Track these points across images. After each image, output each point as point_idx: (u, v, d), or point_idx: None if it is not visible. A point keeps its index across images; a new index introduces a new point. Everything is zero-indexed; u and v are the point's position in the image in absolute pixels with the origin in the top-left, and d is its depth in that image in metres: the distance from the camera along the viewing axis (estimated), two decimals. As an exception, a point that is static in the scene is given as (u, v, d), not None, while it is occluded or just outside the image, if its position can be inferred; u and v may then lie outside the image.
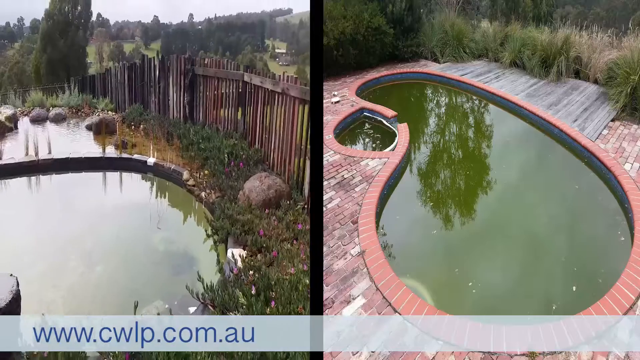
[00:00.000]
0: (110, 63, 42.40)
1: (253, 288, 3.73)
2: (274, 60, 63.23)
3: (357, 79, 9.66)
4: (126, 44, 58.93)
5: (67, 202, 6.34)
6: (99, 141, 8.11)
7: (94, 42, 37.47)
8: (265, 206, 5.36)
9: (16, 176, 6.87)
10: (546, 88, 8.94)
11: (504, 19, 12.30)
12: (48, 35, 24.68)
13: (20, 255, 4.73)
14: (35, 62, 25.60)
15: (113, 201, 6.56)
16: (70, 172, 7.17)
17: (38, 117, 9.62)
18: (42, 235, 5.23)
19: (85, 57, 28.22)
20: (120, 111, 10.46)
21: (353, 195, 5.05)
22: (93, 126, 8.86)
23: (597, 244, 4.66)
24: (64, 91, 11.45)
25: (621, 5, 33.07)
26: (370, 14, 10.01)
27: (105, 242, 5.24)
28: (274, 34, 72.32)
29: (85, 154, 7.50)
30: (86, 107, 10.54)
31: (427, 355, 3.05)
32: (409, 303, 3.47)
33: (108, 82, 11.55)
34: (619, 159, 5.84)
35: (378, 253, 4.05)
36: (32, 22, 45.83)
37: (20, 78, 30.32)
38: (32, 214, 5.87)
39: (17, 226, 5.40)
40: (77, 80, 12.88)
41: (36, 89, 12.93)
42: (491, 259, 4.47)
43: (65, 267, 4.69)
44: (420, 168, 6.43)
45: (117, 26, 62.78)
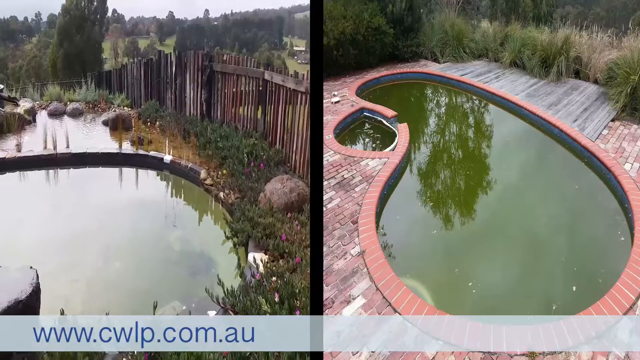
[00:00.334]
0: (125, 59, 42.32)
1: (276, 295, 3.62)
2: (292, 58, 62.01)
3: (357, 79, 9.66)
4: (141, 40, 57.93)
5: (83, 196, 6.35)
6: (115, 137, 8.11)
7: (109, 38, 37.41)
8: (287, 210, 5.20)
9: (35, 169, 6.92)
10: (546, 88, 8.94)
11: (504, 19, 12.30)
12: (65, 30, 24.76)
13: (38, 248, 4.73)
14: (52, 57, 25.69)
15: (129, 197, 6.53)
16: (87, 167, 7.24)
17: (56, 111, 9.62)
18: (60, 229, 5.23)
19: (101, 52, 28.23)
20: (136, 107, 10.37)
21: (353, 195, 5.05)
22: (109, 121, 8.82)
23: (597, 244, 4.66)
24: (80, 86, 11.39)
25: (621, 5, 33.07)
26: (370, 14, 10.01)
27: (122, 238, 5.21)
28: (293, 30, 70.75)
29: (102, 149, 7.53)
30: (103, 102, 10.50)
31: (427, 355, 3.05)
32: (409, 303, 3.47)
33: (124, 77, 11.40)
34: (619, 159, 5.84)
35: (378, 253, 4.05)
36: (49, 17, 46.06)
37: (37, 72, 30.50)
38: (50, 207, 5.89)
39: (35, 218, 5.43)
40: (94, 76, 12.81)
41: (54, 83, 12.84)
42: (491, 259, 4.47)
43: (82, 262, 4.66)
44: (420, 168, 6.43)
45: (132, 22, 62.01)
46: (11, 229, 5.14)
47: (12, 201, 5.94)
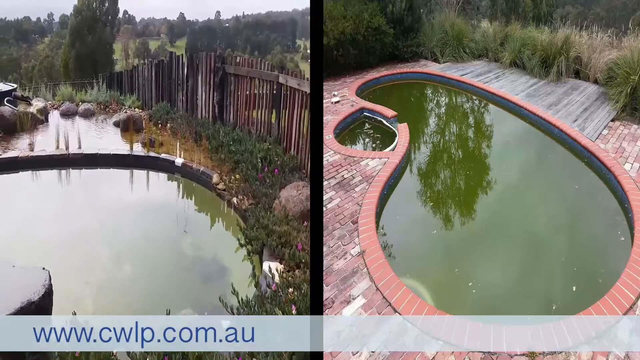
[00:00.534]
0: (136, 60, 42.28)
1: (293, 307, 3.52)
2: (306, 61, 61.30)
3: (357, 79, 9.66)
4: (152, 41, 56.34)
5: (95, 197, 6.39)
6: (126, 138, 8.10)
7: (120, 39, 37.30)
8: (303, 218, 5.05)
9: (47, 168, 6.93)
10: (546, 88, 8.94)
11: (504, 19, 12.30)
12: (76, 30, 24.71)
13: (49, 248, 4.72)
14: (64, 57, 25.65)
15: (140, 200, 6.51)
16: (98, 168, 7.24)
17: (68, 111, 9.58)
18: (72, 229, 5.22)
19: (112, 53, 28.03)
20: (147, 108, 10.27)
21: (353, 195, 5.05)
22: (120, 123, 8.78)
23: (597, 244, 4.66)
24: (92, 87, 11.29)
25: (621, 5, 33.07)
26: (370, 14, 10.01)
27: (133, 241, 5.17)
28: (306, 33, 70.22)
29: (114, 150, 7.52)
30: (114, 103, 10.38)
31: (427, 355, 3.05)
32: (409, 303, 3.47)
33: (135, 79, 11.21)
34: (619, 159, 5.84)
35: (378, 253, 4.05)
36: (61, 18, 46.52)
37: (49, 72, 30.61)
38: (61, 207, 5.91)
39: (47, 218, 5.45)
40: (105, 77, 12.68)
41: (66, 83, 12.74)
42: (491, 259, 4.47)
43: (94, 264, 4.65)
44: (420, 168, 6.43)
45: (143, 23, 60.83)
46: (23, 227, 5.17)
47: (25, 200, 5.97)
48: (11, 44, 43.21)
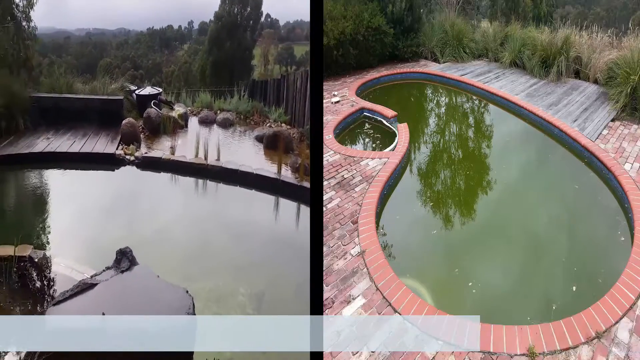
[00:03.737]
0: (276, 66, 41.81)
1: None
2: None
3: (357, 79, 9.66)
4: (297, 46, 49.91)
5: (231, 218, 5.86)
6: (271, 157, 7.26)
7: (260, 44, 36.20)
8: None
9: (186, 175, 6.92)
10: (546, 88, 8.94)
11: (504, 19, 12.31)
12: (215, 36, 24.60)
13: (179, 257, 4.67)
14: (201, 63, 25.66)
15: (287, 236, 5.49)
16: (238, 185, 6.62)
17: (206, 119, 9.28)
18: (208, 249, 4.96)
19: (251, 59, 27.12)
20: (296, 125, 8.99)
21: (353, 195, 5.05)
22: (265, 138, 7.97)
23: (597, 244, 4.65)
24: (231, 94, 10.47)
25: (621, 5, 33.10)
26: (370, 14, 10.02)
27: (275, 284, 4.47)
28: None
29: (257, 169, 6.75)
30: (256, 115, 9.53)
31: (427, 355, 3.05)
32: (409, 303, 3.47)
33: (283, 89, 9.88)
34: (619, 159, 5.84)
35: (378, 253, 4.05)
36: (200, 25, 48.27)
37: (187, 77, 31.10)
38: (193, 216, 5.77)
39: (183, 222, 5.52)
40: (246, 85, 11.69)
41: (205, 90, 11.94)
42: (491, 259, 4.47)
43: (234, 292, 4.22)
44: (420, 168, 6.43)
45: (288, 27, 55.54)
46: (161, 227, 5.28)
47: (168, 201, 6.13)
48: (156, 51, 46.36)
